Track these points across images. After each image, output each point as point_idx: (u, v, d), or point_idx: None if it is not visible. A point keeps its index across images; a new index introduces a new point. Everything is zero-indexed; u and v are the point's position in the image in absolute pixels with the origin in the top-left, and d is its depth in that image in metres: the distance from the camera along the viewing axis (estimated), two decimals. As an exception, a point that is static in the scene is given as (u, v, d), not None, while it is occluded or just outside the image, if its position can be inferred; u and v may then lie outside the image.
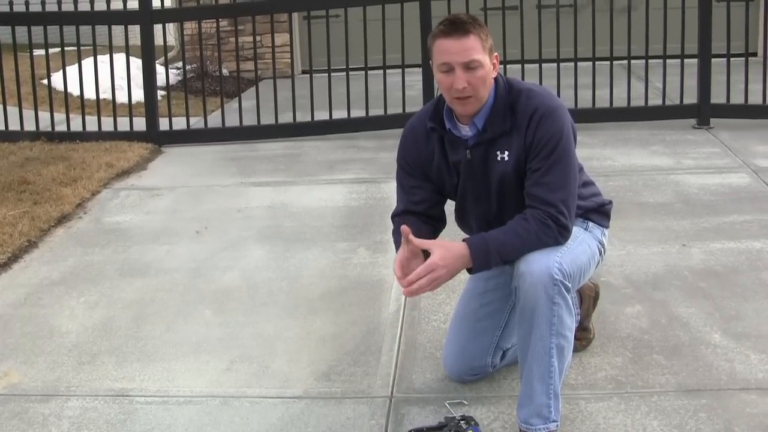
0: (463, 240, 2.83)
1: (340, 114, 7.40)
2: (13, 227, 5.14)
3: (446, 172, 3.01)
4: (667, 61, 7.10)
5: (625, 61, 7.24)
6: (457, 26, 2.81)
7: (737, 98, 7.12)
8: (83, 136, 7.39)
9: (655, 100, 7.43)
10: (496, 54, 2.91)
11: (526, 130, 2.86)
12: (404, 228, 2.81)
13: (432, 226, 3.07)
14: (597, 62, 7.19)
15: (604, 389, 3.23)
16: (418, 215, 3.05)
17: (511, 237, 2.79)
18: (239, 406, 3.26)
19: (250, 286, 4.35)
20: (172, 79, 9.56)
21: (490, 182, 2.94)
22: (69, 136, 7.41)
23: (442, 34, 2.83)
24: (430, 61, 2.92)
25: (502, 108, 2.90)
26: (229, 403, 3.28)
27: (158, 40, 7.56)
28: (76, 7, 7.33)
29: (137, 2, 7.32)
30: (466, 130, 2.94)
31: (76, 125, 7.51)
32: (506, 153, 2.89)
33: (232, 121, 7.55)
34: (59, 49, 7.47)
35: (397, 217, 3.08)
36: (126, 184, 6.30)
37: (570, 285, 2.77)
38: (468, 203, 3.04)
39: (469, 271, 2.84)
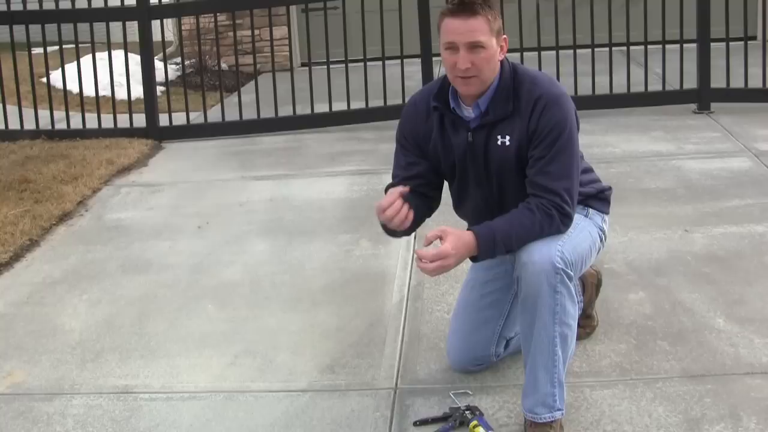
0: (469, 228, 2.82)
1: (339, 106, 7.39)
2: (14, 226, 5.14)
3: (442, 151, 3.00)
4: (667, 46, 7.08)
5: (624, 48, 7.23)
6: (465, 6, 2.80)
7: (737, 82, 7.10)
8: (83, 134, 7.39)
9: (655, 86, 7.41)
10: (504, 36, 2.89)
11: (530, 116, 2.84)
12: (403, 189, 2.81)
13: (423, 203, 3.04)
14: (596, 49, 7.17)
15: (608, 376, 3.23)
16: (411, 191, 3.03)
17: (516, 227, 2.78)
18: (244, 401, 3.26)
19: (253, 280, 4.35)
20: (171, 75, 9.56)
21: (490, 166, 2.93)
22: (69, 134, 7.41)
23: (449, 12, 2.82)
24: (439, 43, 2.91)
25: (506, 91, 2.89)
26: (233, 397, 3.28)
27: (156, 36, 7.54)
28: (73, 4, 7.31)
29: (134, -2, 7.31)
30: (469, 112, 2.93)
31: (75, 123, 7.50)
32: (507, 138, 2.88)
33: (231, 115, 7.54)
34: (58, 47, 7.46)
35: (391, 188, 3.06)
36: (127, 180, 6.29)
37: (572, 273, 2.77)
38: (469, 186, 3.03)
39: (473, 259, 2.84)
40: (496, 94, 2.90)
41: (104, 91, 7.94)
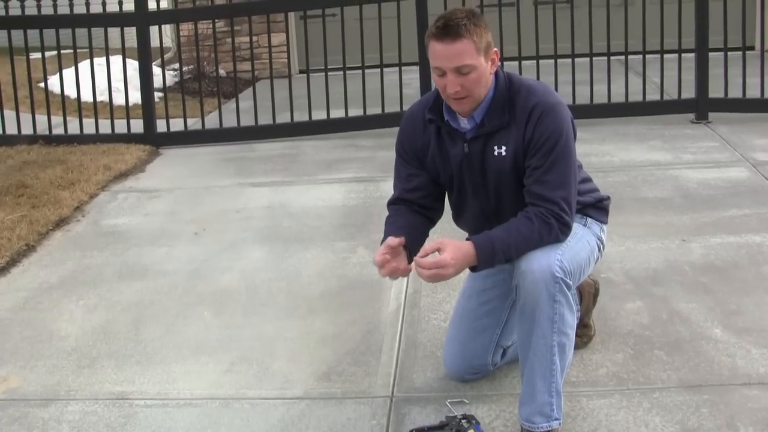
0: (468, 239, 2.82)
1: (337, 113, 7.39)
2: (11, 231, 5.13)
3: (440, 162, 3.00)
4: (665, 55, 7.09)
5: (623, 57, 7.24)
6: (448, 29, 2.75)
7: (735, 92, 7.11)
8: (81, 139, 7.38)
9: (653, 95, 7.41)
10: (495, 50, 2.86)
11: (526, 125, 2.84)
12: (392, 239, 2.82)
13: (425, 217, 3.06)
14: (594, 58, 7.19)
15: (605, 386, 3.22)
16: (411, 204, 3.04)
17: (515, 236, 2.77)
18: (239, 408, 3.25)
19: (250, 287, 4.34)
20: (169, 81, 9.55)
21: (487, 177, 2.93)
22: (66, 139, 7.40)
23: (434, 36, 2.79)
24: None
25: (501, 102, 2.88)
26: (229, 405, 3.27)
27: (154, 42, 7.54)
28: (71, 9, 7.31)
29: (133, 4, 7.30)
30: (464, 123, 2.93)
31: (73, 128, 7.50)
32: (504, 148, 2.88)
33: (229, 121, 7.53)
34: (56, 52, 7.46)
35: (392, 205, 3.08)
36: (124, 186, 6.29)
37: (571, 282, 2.77)
38: (467, 197, 3.03)
39: (473, 269, 2.83)
40: (492, 105, 2.89)
41: (102, 96, 7.94)
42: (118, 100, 7.85)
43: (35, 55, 7.85)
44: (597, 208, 3.10)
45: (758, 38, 8.38)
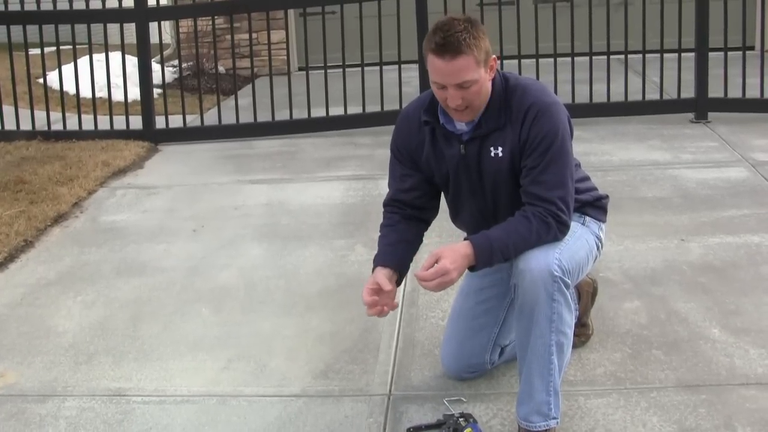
0: (465, 239, 2.82)
1: (336, 111, 7.38)
2: (9, 227, 5.12)
3: (434, 162, 3.00)
4: (665, 55, 7.09)
5: (622, 56, 7.24)
6: (448, 46, 2.71)
7: (735, 92, 7.11)
8: (79, 135, 7.37)
9: (652, 95, 7.41)
10: (493, 57, 2.84)
11: (521, 126, 2.83)
12: (384, 281, 2.86)
13: (420, 221, 3.07)
14: (594, 57, 7.19)
15: (603, 385, 3.22)
16: (405, 206, 3.04)
17: (513, 235, 2.77)
18: (237, 405, 3.24)
19: (248, 284, 4.34)
20: (168, 77, 9.55)
21: (484, 178, 2.93)
22: (65, 135, 7.39)
23: (433, 52, 2.75)
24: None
25: (497, 103, 2.87)
26: (226, 402, 3.27)
27: (154, 38, 7.53)
28: (71, 5, 7.30)
29: (132, 0, 7.29)
30: (461, 125, 2.92)
31: (72, 124, 7.49)
32: (500, 149, 2.87)
33: (228, 118, 7.53)
34: (55, 47, 7.45)
35: (387, 207, 3.09)
36: (122, 182, 6.28)
37: (569, 281, 2.76)
38: (463, 197, 3.02)
39: (471, 269, 2.83)
40: (489, 107, 2.88)
41: (101, 92, 7.93)
42: (117, 96, 7.84)
43: (34, 51, 7.83)
44: (595, 206, 3.10)
45: (758, 38, 8.39)
